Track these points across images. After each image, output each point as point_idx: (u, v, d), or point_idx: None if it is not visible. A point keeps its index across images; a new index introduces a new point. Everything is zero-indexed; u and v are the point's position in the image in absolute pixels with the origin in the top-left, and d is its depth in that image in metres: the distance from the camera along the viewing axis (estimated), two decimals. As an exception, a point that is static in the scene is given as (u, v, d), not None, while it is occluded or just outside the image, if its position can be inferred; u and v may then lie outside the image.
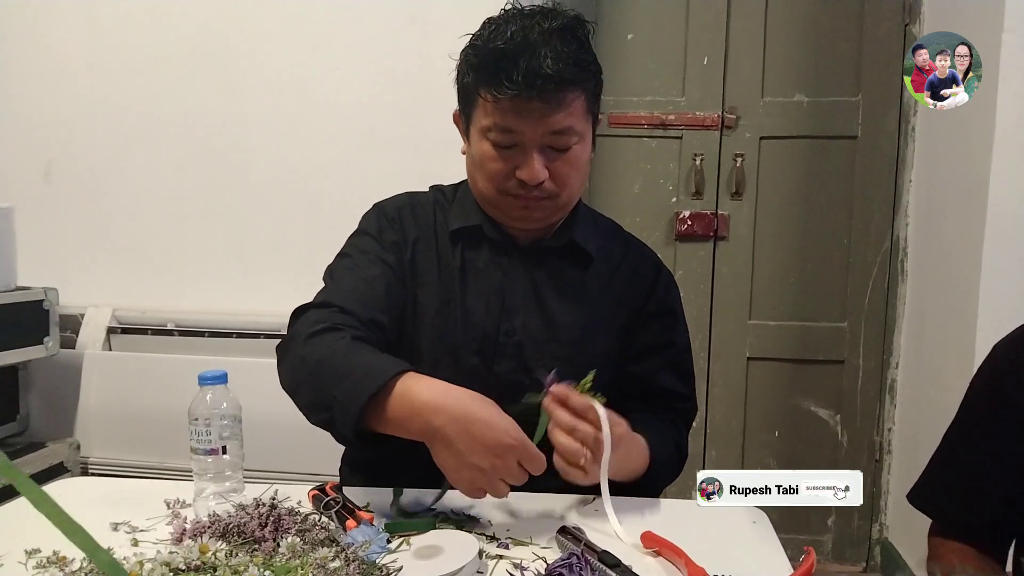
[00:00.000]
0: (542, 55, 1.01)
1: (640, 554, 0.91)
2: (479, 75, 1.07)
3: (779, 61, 2.52)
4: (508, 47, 1.03)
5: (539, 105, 1.03)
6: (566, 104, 1.05)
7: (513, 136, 1.07)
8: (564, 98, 1.05)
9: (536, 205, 1.12)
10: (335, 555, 0.82)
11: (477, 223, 1.18)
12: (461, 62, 1.12)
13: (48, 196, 2.41)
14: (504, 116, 1.05)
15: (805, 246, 2.58)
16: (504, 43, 1.03)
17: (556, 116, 1.05)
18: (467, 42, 1.11)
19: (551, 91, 1.03)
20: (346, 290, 1.10)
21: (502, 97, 1.03)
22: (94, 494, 1.10)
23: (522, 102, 1.03)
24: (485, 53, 1.06)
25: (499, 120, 1.06)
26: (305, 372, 0.98)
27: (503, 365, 1.16)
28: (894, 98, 2.48)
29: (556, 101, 1.04)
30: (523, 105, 1.03)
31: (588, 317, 1.19)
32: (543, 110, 1.04)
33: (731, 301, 2.60)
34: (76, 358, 2.28)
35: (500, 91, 1.03)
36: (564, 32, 1.05)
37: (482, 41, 1.07)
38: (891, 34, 2.47)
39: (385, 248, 1.17)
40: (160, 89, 2.34)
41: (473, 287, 1.17)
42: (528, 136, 1.06)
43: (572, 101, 1.06)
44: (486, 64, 1.05)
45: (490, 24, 1.09)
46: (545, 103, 1.04)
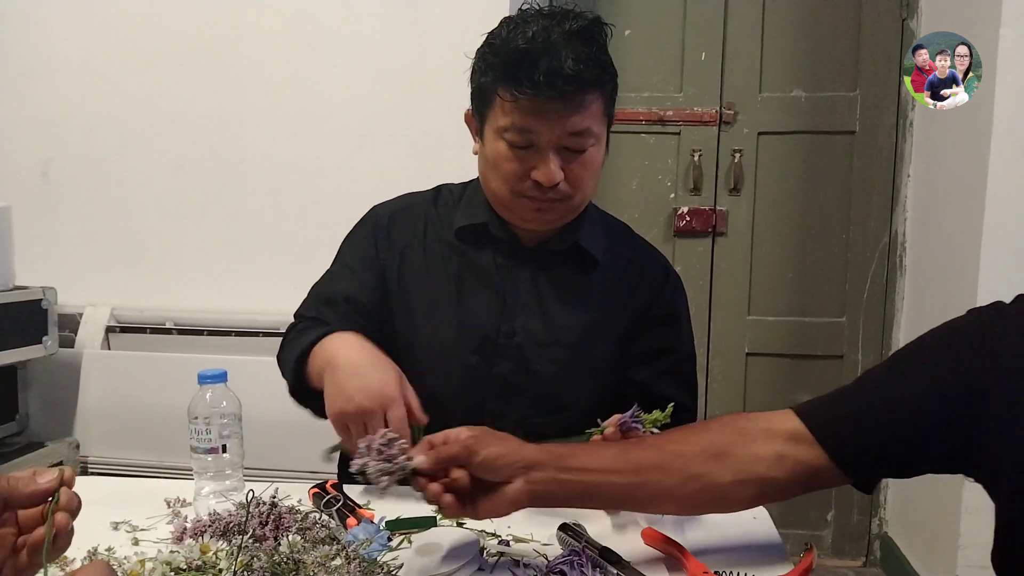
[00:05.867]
0: (563, 56, 1.01)
1: (641, 550, 0.91)
2: (498, 74, 1.05)
3: (777, 56, 2.52)
4: (530, 47, 1.02)
5: (558, 106, 1.03)
6: (585, 106, 1.05)
7: (530, 136, 1.06)
8: (584, 100, 1.04)
9: (550, 207, 1.11)
10: (336, 553, 0.82)
11: (483, 221, 1.17)
12: (478, 60, 1.11)
13: (46, 195, 2.40)
14: (523, 116, 1.04)
15: (803, 241, 2.58)
16: (525, 43, 1.03)
17: (575, 118, 1.04)
18: (484, 41, 1.10)
19: (571, 92, 1.02)
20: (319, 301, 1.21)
21: (522, 97, 1.02)
22: (94, 493, 1.08)
23: (542, 102, 1.02)
24: (505, 52, 1.05)
25: (517, 120, 1.05)
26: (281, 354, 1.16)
27: (503, 366, 1.16)
28: (892, 93, 2.48)
29: (575, 102, 1.04)
30: (542, 106, 1.03)
31: (591, 320, 1.18)
32: (562, 111, 1.03)
33: (730, 297, 2.60)
34: (75, 357, 2.28)
35: (520, 91, 1.02)
36: (584, 34, 1.05)
37: (501, 40, 1.06)
38: (889, 29, 2.46)
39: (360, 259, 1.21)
40: (158, 88, 2.34)
41: (474, 287, 1.17)
42: (546, 137, 1.05)
43: (591, 103, 1.06)
44: (506, 63, 1.04)
45: (509, 23, 1.08)
46: (564, 104, 1.03)
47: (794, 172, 2.56)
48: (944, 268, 2.22)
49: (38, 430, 2.28)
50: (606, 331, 1.19)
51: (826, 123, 2.52)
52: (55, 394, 2.28)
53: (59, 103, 2.38)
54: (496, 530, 0.95)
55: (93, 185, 2.39)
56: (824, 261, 2.58)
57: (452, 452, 0.80)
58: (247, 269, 2.35)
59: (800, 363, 2.61)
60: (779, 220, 2.58)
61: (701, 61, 2.53)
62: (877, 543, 2.62)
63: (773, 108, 2.53)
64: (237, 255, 2.36)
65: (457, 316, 1.16)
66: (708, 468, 0.84)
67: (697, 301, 2.59)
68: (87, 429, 2.28)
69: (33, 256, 2.29)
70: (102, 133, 2.37)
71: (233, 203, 2.35)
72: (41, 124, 2.40)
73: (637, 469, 0.84)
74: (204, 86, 2.33)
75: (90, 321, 2.34)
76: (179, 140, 2.35)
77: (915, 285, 2.47)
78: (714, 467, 0.84)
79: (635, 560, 0.85)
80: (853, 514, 2.62)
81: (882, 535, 2.60)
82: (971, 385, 0.77)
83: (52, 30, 2.37)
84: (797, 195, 2.57)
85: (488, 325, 1.16)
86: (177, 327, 2.33)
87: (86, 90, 2.37)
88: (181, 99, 2.33)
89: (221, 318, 2.31)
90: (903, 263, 2.53)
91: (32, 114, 2.39)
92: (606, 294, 1.20)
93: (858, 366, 2.57)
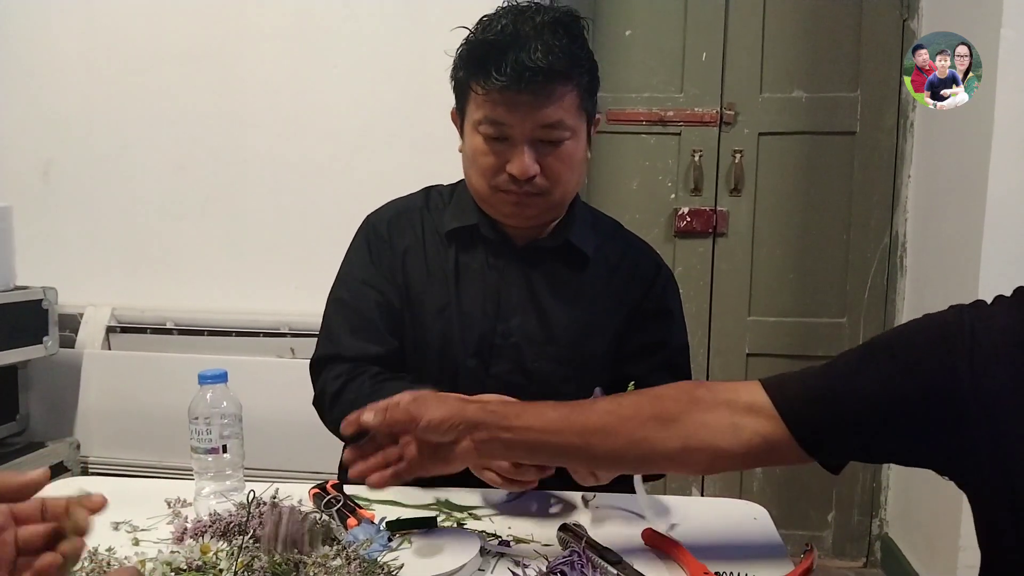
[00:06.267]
0: (532, 48, 1.02)
1: (641, 551, 0.91)
2: (469, 68, 1.08)
3: (777, 57, 2.52)
4: (498, 39, 1.04)
5: (528, 98, 1.04)
6: (556, 97, 1.05)
7: (503, 129, 1.07)
8: (554, 91, 1.05)
9: (528, 201, 1.11)
10: (336, 553, 0.82)
11: (473, 222, 1.18)
12: (456, 57, 1.12)
13: (47, 195, 2.40)
14: (494, 108, 1.06)
15: (804, 242, 2.58)
16: (495, 36, 1.04)
17: (546, 110, 1.05)
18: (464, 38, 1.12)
19: (540, 83, 1.03)
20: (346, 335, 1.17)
21: (491, 89, 1.04)
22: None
23: (511, 95, 1.03)
24: (475, 46, 1.07)
25: (489, 113, 1.06)
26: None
27: (500, 366, 1.16)
28: (892, 93, 2.48)
29: (545, 94, 1.04)
30: (512, 98, 1.04)
31: (586, 317, 1.19)
32: (532, 103, 1.04)
33: (730, 297, 2.60)
34: (75, 357, 2.28)
35: (488, 83, 1.04)
36: (556, 26, 1.05)
37: (474, 35, 1.08)
38: (889, 29, 2.46)
39: (372, 269, 1.19)
40: (159, 88, 2.34)
41: (469, 289, 1.17)
42: (517, 129, 1.06)
43: (563, 95, 1.06)
44: (476, 57, 1.06)
45: (484, 20, 1.10)
46: (534, 96, 1.04)
47: (795, 173, 2.56)
48: (945, 269, 2.22)
49: (39, 430, 2.28)
50: (601, 328, 1.20)
51: (827, 124, 2.52)
52: (56, 394, 2.28)
53: (60, 103, 2.38)
54: (496, 530, 0.95)
55: (94, 185, 2.39)
56: (825, 262, 2.57)
57: (396, 417, 0.83)
58: (247, 269, 2.35)
59: (800, 364, 2.55)
60: (780, 221, 2.58)
61: (702, 62, 2.53)
62: (878, 544, 2.61)
63: (774, 109, 2.53)
64: (238, 255, 2.36)
65: (457, 318, 1.16)
66: (655, 433, 0.85)
67: (697, 302, 2.59)
68: (87, 429, 2.28)
69: (34, 256, 2.29)
70: (103, 133, 2.37)
71: (234, 203, 2.35)
72: (42, 124, 2.39)
73: (582, 431, 0.86)
74: (205, 86, 2.33)
75: (91, 321, 2.34)
76: (180, 140, 2.35)
77: (916, 286, 2.47)
78: (662, 432, 0.85)
79: (635, 560, 0.85)
80: (854, 515, 2.62)
81: (883, 536, 2.60)
82: (945, 379, 0.76)
83: (53, 30, 2.37)
84: (798, 196, 2.57)
85: (484, 325, 1.16)
86: (178, 327, 2.33)
87: (87, 90, 2.37)
88: (182, 99, 2.33)
89: (221, 318, 2.31)
90: (904, 264, 2.52)
91: (33, 114, 2.39)
92: (599, 291, 1.20)
93: (859, 367, 2.57)
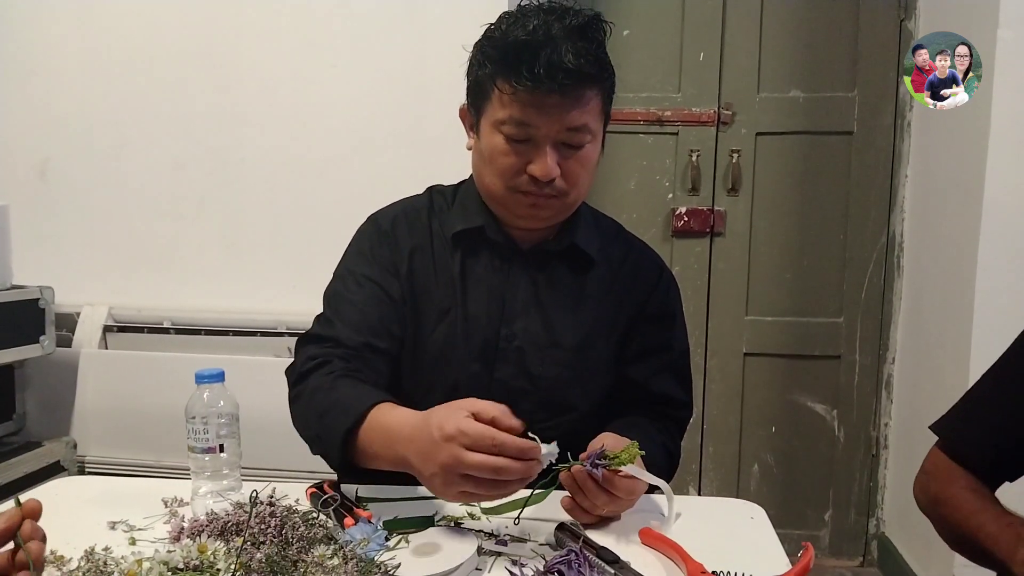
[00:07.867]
0: (563, 50, 1.00)
1: (639, 551, 0.91)
2: (497, 66, 1.04)
3: (775, 57, 2.52)
4: (530, 39, 1.01)
5: (558, 99, 1.02)
6: (584, 101, 1.04)
7: (528, 130, 1.05)
8: (583, 95, 1.04)
9: (545, 203, 1.10)
10: (333, 553, 0.82)
11: (479, 224, 1.16)
12: (476, 54, 1.10)
13: (44, 194, 2.40)
14: (521, 109, 1.04)
15: (801, 242, 2.58)
16: (526, 35, 1.02)
17: (574, 112, 1.04)
18: (483, 34, 1.09)
19: (571, 86, 1.02)
20: (340, 320, 1.13)
21: (521, 89, 1.02)
22: (91, 493, 1.09)
23: (541, 95, 1.02)
24: (505, 45, 1.04)
25: (515, 113, 1.04)
26: (299, 409, 1.08)
27: (504, 371, 1.15)
28: (890, 93, 2.49)
29: (575, 97, 1.03)
30: (542, 99, 1.02)
31: (589, 321, 1.18)
32: (561, 105, 1.03)
33: (727, 297, 2.61)
34: (72, 357, 2.28)
35: (520, 83, 1.01)
36: (584, 30, 1.04)
37: (500, 33, 1.06)
38: (887, 30, 2.47)
39: (377, 266, 1.16)
40: (156, 87, 2.33)
41: (473, 292, 1.16)
42: (544, 131, 1.05)
43: (590, 99, 1.05)
44: (506, 55, 1.03)
45: (509, 17, 1.08)
46: (564, 98, 1.02)
47: (792, 172, 2.57)
48: (942, 268, 2.22)
49: (35, 429, 2.27)
50: (605, 331, 1.19)
51: (824, 124, 2.53)
52: (52, 393, 2.28)
53: (57, 102, 2.38)
54: (494, 530, 0.95)
55: (91, 184, 2.39)
56: (822, 261, 2.58)
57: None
58: (245, 269, 2.35)
59: (798, 363, 2.62)
60: (777, 220, 2.58)
61: (699, 61, 2.53)
62: (875, 543, 2.62)
63: (771, 108, 2.53)
64: (235, 255, 2.35)
65: (461, 321, 1.15)
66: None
67: (695, 301, 2.59)
68: (84, 428, 2.28)
69: (30, 255, 2.29)
70: (100, 132, 2.37)
71: (231, 202, 2.35)
72: (39, 123, 2.39)
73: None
74: (202, 86, 2.32)
75: (87, 320, 2.34)
76: (178, 139, 2.35)
77: (913, 285, 2.47)
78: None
79: (633, 560, 0.85)
80: (851, 514, 2.62)
81: (879, 535, 2.60)
82: None
83: (50, 29, 2.36)
84: (795, 195, 2.57)
85: (488, 329, 1.15)
86: (175, 327, 2.33)
87: (84, 89, 2.36)
88: (180, 98, 2.33)
89: (219, 318, 2.30)
90: (901, 263, 2.53)
91: (30, 113, 2.39)
92: (603, 294, 1.19)
93: (856, 366, 2.58)
